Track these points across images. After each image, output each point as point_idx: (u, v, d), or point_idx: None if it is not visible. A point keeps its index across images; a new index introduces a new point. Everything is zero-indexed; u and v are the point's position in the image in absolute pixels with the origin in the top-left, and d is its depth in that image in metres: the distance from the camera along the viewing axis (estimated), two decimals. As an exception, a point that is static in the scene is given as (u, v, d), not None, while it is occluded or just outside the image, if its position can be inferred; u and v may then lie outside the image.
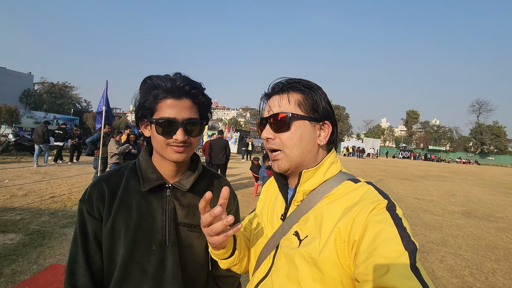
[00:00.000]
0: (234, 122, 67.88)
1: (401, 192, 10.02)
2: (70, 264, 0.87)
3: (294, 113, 0.73)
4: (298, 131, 0.73)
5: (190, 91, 0.85)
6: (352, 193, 0.68)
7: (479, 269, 3.87)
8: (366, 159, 34.18)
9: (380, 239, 0.56)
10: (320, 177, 0.74)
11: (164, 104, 0.83)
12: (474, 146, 55.51)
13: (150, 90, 0.84)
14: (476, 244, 4.91)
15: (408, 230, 0.59)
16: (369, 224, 0.59)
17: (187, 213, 0.93)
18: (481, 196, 10.45)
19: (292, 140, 0.73)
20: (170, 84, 0.82)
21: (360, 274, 0.56)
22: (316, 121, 0.75)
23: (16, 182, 7.03)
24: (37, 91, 39.68)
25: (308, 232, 0.69)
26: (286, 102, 0.75)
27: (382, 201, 0.63)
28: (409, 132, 67.81)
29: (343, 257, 0.62)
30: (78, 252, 0.87)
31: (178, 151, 0.85)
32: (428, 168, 24.65)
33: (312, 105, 0.75)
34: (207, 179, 1.02)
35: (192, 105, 0.86)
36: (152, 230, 0.88)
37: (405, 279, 0.50)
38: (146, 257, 0.87)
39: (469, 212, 7.47)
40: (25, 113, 15.35)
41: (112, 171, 0.96)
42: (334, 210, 0.67)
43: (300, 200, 0.76)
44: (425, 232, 5.39)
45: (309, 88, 0.76)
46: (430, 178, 15.65)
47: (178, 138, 0.83)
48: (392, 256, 0.54)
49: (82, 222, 0.88)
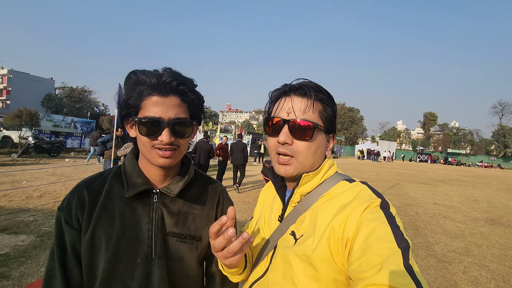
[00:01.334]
0: (247, 124, 68.00)
1: (419, 197, 9.58)
2: (47, 280, 0.78)
3: (319, 124, 0.73)
4: (316, 142, 0.74)
5: (178, 87, 0.76)
6: (346, 192, 0.70)
7: (506, 281, 3.59)
8: (382, 162, 33.33)
9: (373, 237, 0.57)
10: (318, 180, 0.75)
11: (149, 101, 0.74)
12: (497, 149, 53.25)
13: (135, 87, 0.75)
14: (503, 254, 4.58)
15: (401, 228, 0.60)
16: (363, 222, 0.60)
17: (176, 221, 0.84)
18: (506, 202, 9.87)
19: (310, 150, 0.73)
20: (155, 80, 0.74)
21: (353, 271, 0.56)
22: (328, 133, 0.77)
23: (33, 184, 7.21)
24: (58, 96, 41.26)
25: (303, 232, 0.70)
26: (310, 110, 0.73)
27: (375, 200, 0.64)
28: (426, 134, 65.75)
29: (337, 255, 0.62)
30: (55, 266, 0.78)
31: (164, 156, 0.76)
32: (447, 172, 23.71)
33: (330, 117, 0.75)
34: (200, 184, 0.93)
35: (181, 103, 0.77)
36: (136, 241, 0.79)
37: (398, 277, 0.50)
38: (129, 272, 0.78)
39: (493, 219, 7.04)
40: (45, 116, 15.90)
41: (95, 175, 0.87)
42: (329, 208, 0.68)
43: (297, 201, 0.76)
44: (446, 240, 5.09)
45: (330, 98, 0.76)
46: (449, 183, 15.00)
47: (164, 139, 0.74)
48: (385, 253, 0.54)
49: (60, 232, 0.80)
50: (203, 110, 0.87)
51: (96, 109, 43.68)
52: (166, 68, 0.79)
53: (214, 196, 0.94)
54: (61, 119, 16.79)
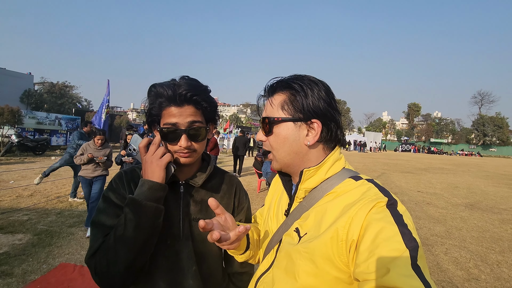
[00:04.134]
0: (235, 118, 67.78)
1: (404, 185, 10.01)
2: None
3: (274, 117, 0.75)
4: (281, 134, 0.75)
5: (192, 97, 0.86)
6: (352, 192, 0.68)
7: (484, 261, 3.89)
8: (368, 153, 34.13)
9: (380, 238, 0.56)
10: (322, 175, 0.74)
11: (168, 112, 0.86)
12: (476, 138, 55.32)
13: (155, 99, 0.87)
14: (480, 236, 4.93)
15: (409, 226, 0.58)
16: (370, 223, 0.59)
17: (200, 208, 0.97)
18: (484, 188, 10.45)
19: (277, 142, 0.76)
20: (171, 92, 0.84)
21: (360, 273, 0.56)
22: (301, 121, 0.73)
23: (21, 183, 7.08)
24: (37, 91, 39.70)
25: (307, 229, 0.70)
26: (270, 106, 0.77)
27: (382, 199, 0.62)
28: (410, 125, 67.58)
29: (340, 255, 0.62)
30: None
31: (185, 156, 0.89)
32: (431, 161, 24.61)
33: (295, 105, 0.73)
34: (219, 177, 1.06)
35: (195, 110, 0.88)
36: (167, 224, 0.90)
37: (407, 278, 0.50)
38: (161, 251, 0.89)
39: (472, 204, 7.48)
40: (27, 113, 15.37)
41: (133, 166, 0.99)
42: (334, 208, 0.67)
43: (302, 197, 0.76)
44: (429, 225, 5.41)
45: (293, 88, 0.74)
46: (432, 171, 15.64)
47: (182, 144, 0.85)
48: (393, 255, 0.53)
49: (104, 206, 0.88)
50: (217, 113, 0.99)
51: (79, 104, 42.38)
52: (183, 77, 0.90)
53: (232, 187, 1.07)
54: (44, 116, 16.25)
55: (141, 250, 0.80)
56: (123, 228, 0.78)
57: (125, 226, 0.78)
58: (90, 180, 4.33)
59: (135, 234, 0.78)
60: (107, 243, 0.80)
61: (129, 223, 0.78)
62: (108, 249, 0.78)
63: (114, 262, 0.77)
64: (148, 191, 0.80)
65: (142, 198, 0.79)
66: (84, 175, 4.32)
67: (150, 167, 0.82)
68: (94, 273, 0.80)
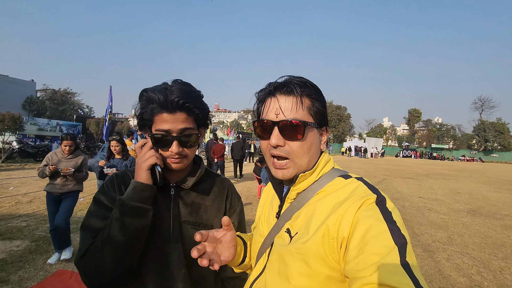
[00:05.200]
0: (235, 124, 67.94)
1: (405, 191, 9.95)
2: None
3: (309, 122, 0.71)
4: (309, 140, 0.72)
5: (184, 105, 0.86)
6: (341, 190, 0.68)
7: (486, 267, 3.84)
8: (369, 159, 34.05)
9: (369, 235, 0.56)
10: (314, 177, 0.74)
11: (160, 118, 0.86)
12: (478, 144, 55.14)
13: (146, 104, 0.87)
14: (483, 242, 4.87)
15: (398, 223, 0.58)
16: (359, 220, 0.59)
17: (190, 211, 0.96)
18: (486, 193, 10.37)
19: (303, 148, 0.72)
20: (163, 98, 0.84)
21: (350, 270, 0.56)
22: (321, 127, 0.76)
23: (21, 189, 7.08)
24: (39, 98, 40.00)
25: (298, 229, 0.70)
26: (299, 108, 0.71)
27: (371, 196, 0.63)
28: (411, 130, 67.53)
29: (332, 253, 0.62)
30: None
31: (175, 162, 0.89)
32: (432, 167, 24.51)
33: (320, 111, 0.74)
34: (210, 180, 1.06)
35: (187, 117, 0.88)
36: (157, 227, 0.90)
37: (395, 275, 0.50)
38: (151, 254, 0.89)
39: (474, 210, 7.42)
40: (28, 120, 15.45)
41: (125, 170, 1.00)
42: (324, 206, 0.67)
43: (293, 198, 0.76)
44: (431, 231, 5.36)
45: (317, 92, 0.74)
46: (434, 177, 15.56)
47: (173, 150, 0.86)
48: (382, 252, 0.53)
49: (94, 209, 0.90)
50: (209, 118, 0.99)
51: (80, 111, 42.65)
52: (176, 81, 0.89)
53: (223, 189, 1.07)
54: (45, 122, 16.37)
55: (127, 251, 0.80)
56: (109, 229, 0.79)
57: (111, 227, 0.79)
58: (57, 197, 3.46)
59: (120, 234, 0.78)
60: (95, 244, 0.80)
61: (115, 223, 0.79)
62: (96, 251, 0.79)
63: (102, 263, 0.78)
64: (132, 191, 0.82)
65: (126, 198, 0.81)
66: (50, 191, 3.43)
67: (136, 168, 0.85)
68: (84, 274, 0.80)
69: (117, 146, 3.80)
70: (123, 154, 3.90)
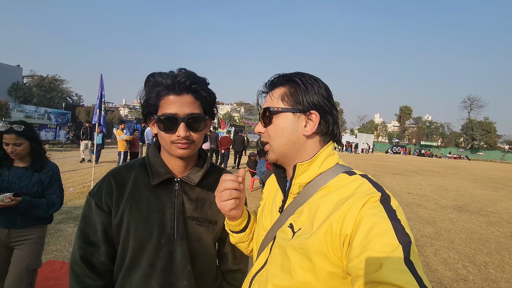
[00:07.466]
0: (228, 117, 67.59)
1: (395, 187, 10.16)
2: (71, 264, 0.90)
3: (274, 107, 0.77)
4: (280, 124, 0.76)
5: (191, 86, 0.84)
6: (346, 187, 0.68)
7: (471, 262, 3.97)
8: (359, 154, 34.51)
9: (373, 233, 0.56)
10: (315, 170, 0.74)
11: (166, 100, 0.83)
12: (465, 142, 56.37)
13: (153, 88, 0.84)
14: (468, 237, 5.02)
15: (402, 221, 0.58)
16: (363, 218, 0.59)
17: (195, 207, 0.94)
18: (472, 190, 10.67)
19: (275, 132, 0.77)
20: (170, 80, 0.82)
21: (353, 268, 0.56)
22: (300, 112, 0.75)
23: None
24: (26, 84, 38.78)
25: (301, 225, 0.70)
26: (270, 98, 0.79)
27: (375, 194, 0.62)
28: (402, 127, 68.55)
29: (334, 250, 0.62)
30: (80, 245, 0.89)
31: (182, 147, 0.85)
32: (420, 163, 25.02)
33: (295, 97, 0.75)
34: (215, 174, 1.03)
35: (194, 100, 0.86)
36: (161, 223, 0.88)
37: (399, 273, 0.50)
38: (155, 251, 0.87)
39: (461, 206, 7.63)
40: (15, 107, 15.00)
41: (122, 165, 0.96)
42: (327, 202, 0.67)
43: (296, 192, 0.76)
44: (419, 226, 5.49)
45: (293, 81, 0.76)
46: (422, 173, 15.90)
47: (180, 134, 0.83)
48: (385, 250, 0.53)
49: (89, 214, 0.89)
50: (216, 106, 0.96)
51: (69, 99, 41.58)
52: (181, 69, 0.87)
53: None
54: (33, 109, 15.94)
55: None
56: None
57: None
58: None
59: None
60: None
61: None
62: None
63: None
64: None
65: None
66: None
67: None
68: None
69: (16, 144, 1.83)
70: (34, 159, 1.94)
